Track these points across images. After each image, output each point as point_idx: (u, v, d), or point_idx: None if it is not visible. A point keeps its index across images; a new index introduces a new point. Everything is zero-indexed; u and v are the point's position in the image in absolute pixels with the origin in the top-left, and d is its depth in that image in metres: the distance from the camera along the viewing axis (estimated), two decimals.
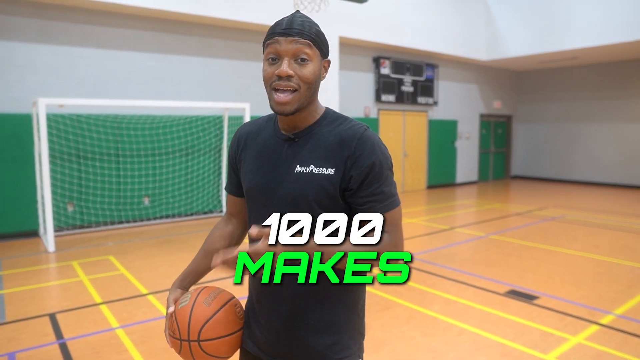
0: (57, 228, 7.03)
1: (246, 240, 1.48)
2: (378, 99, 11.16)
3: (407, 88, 11.72)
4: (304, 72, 1.17)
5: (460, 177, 13.62)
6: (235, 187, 1.44)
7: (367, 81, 11.01)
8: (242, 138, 1.38)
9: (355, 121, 1.27)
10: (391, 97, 11.39)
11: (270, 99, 1.20)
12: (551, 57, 12.11)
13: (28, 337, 3.50)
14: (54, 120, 6.90)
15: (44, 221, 6.53)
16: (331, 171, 1.20)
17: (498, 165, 15.15)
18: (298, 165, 1.23)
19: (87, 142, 7.26)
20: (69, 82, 7.12)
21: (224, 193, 8.70)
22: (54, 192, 6.94)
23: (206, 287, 1.36)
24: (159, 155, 7.97)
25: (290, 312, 1.27)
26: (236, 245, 1.51)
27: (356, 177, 1.19)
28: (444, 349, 3.31)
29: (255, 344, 1.36)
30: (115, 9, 7.29)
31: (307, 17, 1.22)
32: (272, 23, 1.25)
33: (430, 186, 12.74)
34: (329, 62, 1.26)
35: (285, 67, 1.16)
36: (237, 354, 1.42)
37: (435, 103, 12.49)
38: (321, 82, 1.27)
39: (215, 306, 1.29)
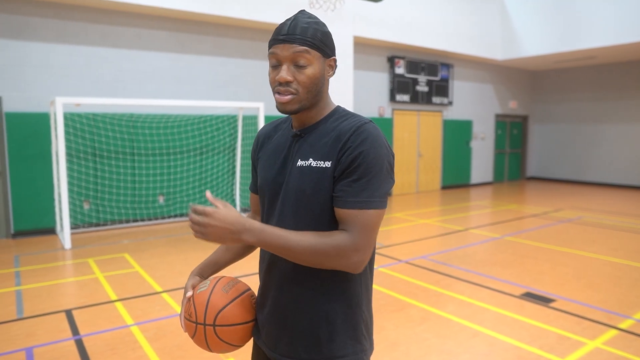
0: (74, 226, 7.14)
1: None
2: (392, 98, 11.10)
3: (422, 88, 11.64)
4: (301, 77, 1.20)
5: (475, 178, 13.49)
6: (256, 186, 1.47)
7: (381, 81, 10.97)
8: (261, 138, 1.45)
9: (361, 116, 1.25)
10: (406, 97, 11.33)
11: (275, 100, 1.25)
12: (568, 57, 11.92)
13: (45, 332, 3.56)
14: (70, 119, 7.00)
15: (61, 219, 6.62)
16: (327, 164, 1.20)
17: (513, 166, 14.97)
18: (299, 160, 1.25)
19: (103, 141, 7.35)
20: (85, 82, 7.21)
21: (237, 192, 8.74)
22: (70, 190, 7.04)
23: (225, 276, 1.39)
24: (174, 154, 8.03)
25: (286, 304, 1.27)
26: None
27: (341, 166, 1.17)
28: (458, 350, 3.27)
29: (259, 336, 1.38)
30: (132, 9, 7.37)
31: (310, 19, 1.22)
32: None
33: (445, 187, 12.64)
34: (334, 60, 1.29)
35: (284, 73, 1.19)
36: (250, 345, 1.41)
37: (450, 103, 12.39)
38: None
39: (232, 294, 1.31)
